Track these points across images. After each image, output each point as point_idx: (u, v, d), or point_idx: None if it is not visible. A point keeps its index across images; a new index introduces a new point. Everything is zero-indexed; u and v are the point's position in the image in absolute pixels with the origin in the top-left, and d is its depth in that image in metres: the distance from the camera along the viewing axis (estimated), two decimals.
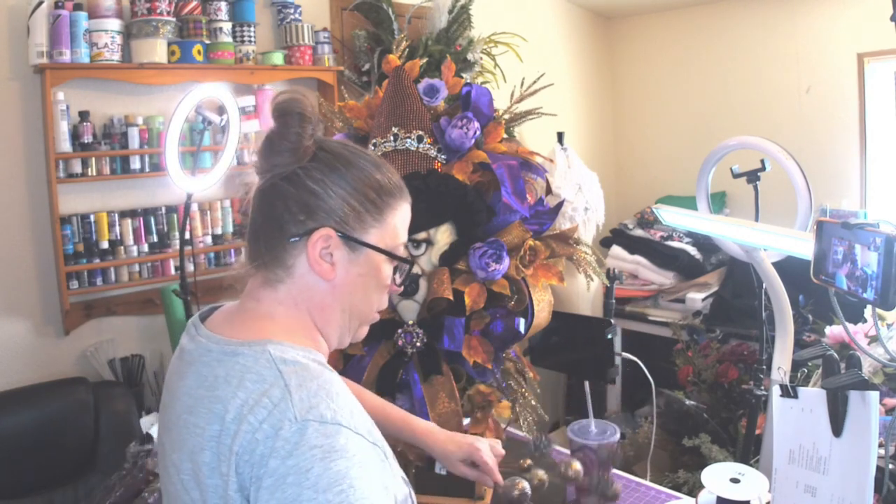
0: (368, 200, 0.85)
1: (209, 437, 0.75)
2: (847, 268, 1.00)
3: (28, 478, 1.84)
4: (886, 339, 2.17)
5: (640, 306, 3.27)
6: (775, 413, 1.16)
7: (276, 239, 0.84)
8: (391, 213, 0.88)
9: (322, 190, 0.83)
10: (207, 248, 2.34)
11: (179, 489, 0.79)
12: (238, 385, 0.76)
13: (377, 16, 2.65)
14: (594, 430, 1.45)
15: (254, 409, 0.73)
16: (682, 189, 3.57)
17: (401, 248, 0.91)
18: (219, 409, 0.76)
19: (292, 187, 0.83)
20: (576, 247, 1.47)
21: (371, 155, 0.90)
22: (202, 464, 0.75)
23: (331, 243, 0.83)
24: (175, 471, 0.80)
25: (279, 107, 0.84)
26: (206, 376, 0.80)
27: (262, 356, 0.78)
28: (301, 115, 0.83)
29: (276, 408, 0.72)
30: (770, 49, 3.37)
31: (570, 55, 3.72)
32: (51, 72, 1.96)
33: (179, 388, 0.83)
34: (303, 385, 0.75)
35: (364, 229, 0.85)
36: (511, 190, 1.39)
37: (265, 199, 0.85)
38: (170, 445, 0.82)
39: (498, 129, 1.47)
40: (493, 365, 1.42)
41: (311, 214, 0.83)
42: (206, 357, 0.82)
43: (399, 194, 0.90)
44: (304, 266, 0.84)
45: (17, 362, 2.04)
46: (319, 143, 0.85)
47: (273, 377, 0.75)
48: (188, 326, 0.91)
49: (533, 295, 1.43)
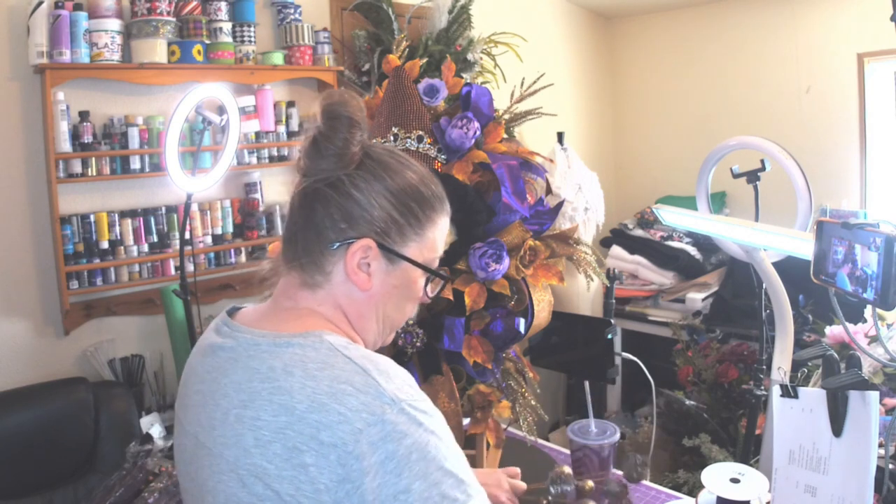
0: (411, 213, 0.85)
1: (275, 429, 0.73)
2: (847, 268, 1.00)
3: (28, 478, 1.84)
4: (886, 339, 2.17)
5: (640, 306, 3.27)
6: (775, 413, 1.16)
7: (315, 244, 0.83)
8: (431, 227, 0.87)
9: (365, 199, 0.82)
10: (207, 248, 2.34)
11: (234, 485, 0.76)
12: (304, 375, 0.75)
13: (377, 16, 2.66)
14: (594, 430, 1.45)
15: (336, 396, 0.72)
16: (682, 189, 3.57)
17: (437, 261, 0.90)
18: (284, 399, 0.74)
19: (336, 194, 0.82)
20: (576, 247, 1.47)
21: (417, 165, 0.88)
22: (271, 456, 0.73)
23: (370, 254, 0.83)
24: (228, 466, 0.77)
25: (329, 109, 0.82)
26: (258, 369, 0.78)
27: (322, 345, 0.78)
28: (350, 119, 0.81)
29: (365, 394, 0.72)
30: (770, 49, 3.37)
31: (570, 55, 3.72)
32: (51, 72, 1.96)
33: (226, 385, 0.80)
34: (379, 369, 0.76)
35: (404, 242, 0.85)
36: (511, 190, 1.39)
37: (306, 202, 0.84)
38: (218, 443, 0.79)
39: (498, 129, 1.47)
40: (493, 365, 1.41)
41: (353, 223, 0.82)
42: (255, 351, 0.80)
43: (441, 208, 0.89)
44: (341, 273, 0.83)
45: (17, 362, 2.04)
46: (366, 150, 0.84)
47: (343, 363, 0.76)
48: (217, 325, 0.89)
49: (533, 295, 1.43)
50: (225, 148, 2.01)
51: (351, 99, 0.83)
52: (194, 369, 0.88)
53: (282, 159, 2.51)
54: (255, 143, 2.42)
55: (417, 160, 1.43)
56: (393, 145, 1.45)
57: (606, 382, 2.19)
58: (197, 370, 0.87)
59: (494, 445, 1.54)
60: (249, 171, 2.44)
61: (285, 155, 2.52)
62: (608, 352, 1.75)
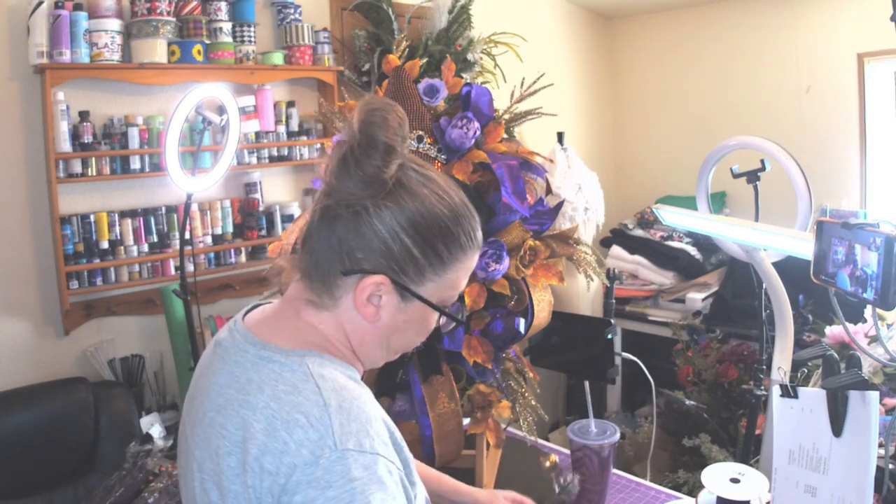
0: (434, 252, 0.79)
1: (235, 441, 0.73)
2: (847, 268, 1.00)
3: (28, 478, 1.84)
4: (886, 339, 2.17)
5: (640, 306, 3.27)
6: (775, 413, 1.16)
7: (328, 266, 0.79)
8: (455, 266, 0.82)
9: (386, 233, 0.76)
10: (207, 248, 2.34)
11: (198, 489, 0.77)
12: (272, 395, 0.74)
13: (377, 16, 2.66)
14: (594, 430, 1.45)
15: (288, 424, 0.71)
16: (682, 189, 3.57)
17: (455, 297, 0.85)
18: (248, 414, 0.74)
19: (357, 222, 0.76)
20: (576, 247, 1.47)
21: (456, 197, 0.81)
22: (226, 467, 0.73)
23: (382, 290, 0.78)
24: (197, 468, 0.78)
25: (367, 129, 0.76)
26: (238, 377, 0.78)
27: (300, 368, 0.76)
28: (387, 146, 0.75)
29: (314, 430, 0.70)
30: (770, 49, 3.37)
31: (570, 55, 3.72)
32: (51, 72, 1.96)
33: (211, 384, 0.81)
34: (342, 407, 0.73)
35: (421, 281, 0.80)
36: (511, 190, 1.39)
37: (326, 221, 0.79)
38: (193, 441, 0.80)
39: (498, 129, 1.47)
40: (493, 365, 1.41)
41: (370, 255, 0.77)
42: (241, 358, 0.80)
43: (470, 246, 0.83)
44: (350, 301, 0.80)
45: (17, 362, 2.04)
46: (400, 177, 0.78)
47: (310, 392, 0.74)
48: (231, 321, 0.89)
49: (533, 295, 1.43)
50: (225, 148, 2.01)
51: (392, 119, 0.76)
52: (202, 360, 0.89)
53: (282, 159, 2.51)
54: (255, 143, 2.42)
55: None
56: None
57: (606, 382, 2.19)
58: (202, 363, 0.88)
59: (494, 445, 1.54)
60: (249, 171, 2.44)
61: (285, 155, 2.52)
62: (608, 352, 1.75)
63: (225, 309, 2.42)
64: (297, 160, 2.54)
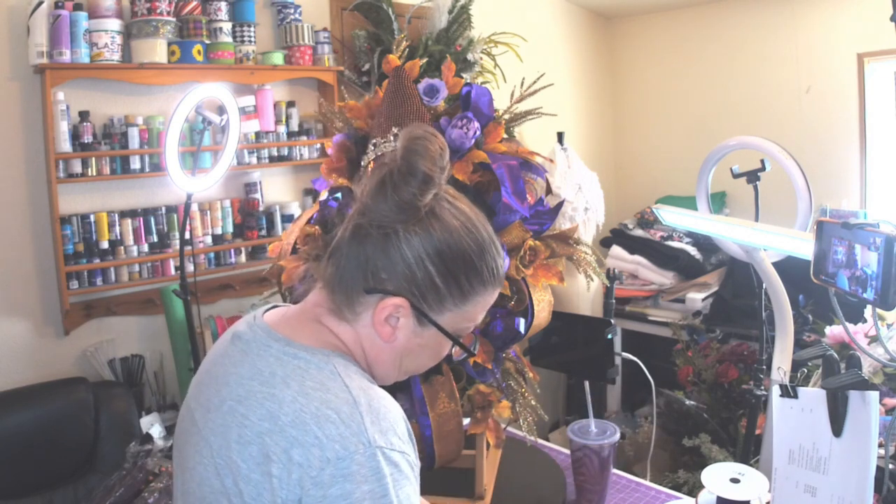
0: (456, 284, 0.82)
1: (258, 432, 0.76)
2: (847, 269, 1.00)
3: (28, 478, 1.84)
4: (886, 339, 2.17)
5: (640, 306, 3.27)
6: (775, 413, 1.16)
7: (352, 282, 0.82)
8: (474, 300, 0.85)
9: (413, 259, 0.79)
10: (207, 248, 2.34)
11: (210, 472, 0.79)
12: (299, 391, 0.76)
13: (377, 16, 2.66)
14: (594, 430, 1.45)
15: (318, 419, 0.74)
16: (682, 189, 3.57)
17: (470, 329, 0.88)
18: (273, 407, 0.76)
19: (386, 244, 0.80)
20: (576, 247, 1.47)
21: (483, 234, 0.84)
22: (247, 456, 0.75)
23: (400, 312, 0.82)
24: (209, 452, 0.80)
25: (409, 157, 0.79)
26: (262, 370, 0.80)
27: (327, 366, 0.79)
28: (426, 176, 0.78)
29: (346, 426, 0.73)
30: (770, 49, 3.37)
31: (570, 55, 3.72)
32: (51, 72, 1.96)
33: (230, 374, 0.83)
34: (372, 406, 0.76)
35: (440, 309, 0.83)
36: (511, 190, 1.39)
37: (356, 239, 0.81)
38: (208, 427, 0.81)
39: (498, 129, 1.47)
40: (493, 365, 1.41)
41: (394, 277, 0.80)
42: (265, 352, 0.82)
43: (492, 282, 0.86)
44: (369, 318, 0.83)
45: (17, 362, 2.04)
46: (433, 206, 0.81)
47: (339, 390, 0.77)
48: (248, 316, 0.91)
49: (533, 295, 1.43)
50: (225, 148, 2.01)
51: (433, 149, 0.80)
52: (215, 350, 0.91)
53: (282, 159, 2.51)
54: (255, 143, 2.42)
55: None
56: (393, 145, 1.44)
57: (606, 382, 2.19)
58: (216, 352, 0.90)
59: (494, 445, 1.54)
60: (249, 171, 2.44)
61: (285, 155, 2.52)
62: (608, 352, 1.74)
63: (225, 309, 2.42)
64: (297, 160, 2.54)
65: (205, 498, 0.79)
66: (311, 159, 2.57)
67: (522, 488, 1.56)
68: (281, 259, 1.39)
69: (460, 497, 1.40)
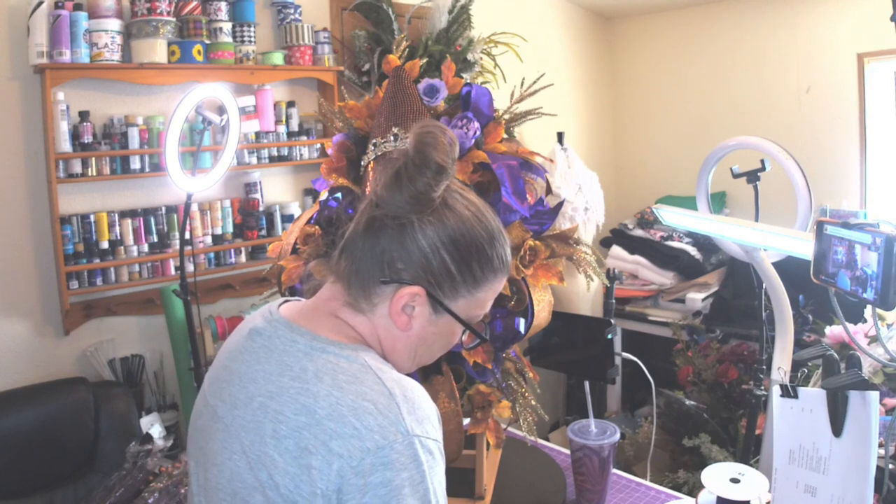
0: (469, 271, 0.85)
1: (294, 426, 0.77)
2: (848, 271, 1.00)
3: (28, 478, 1.84)
4: (886, 339, 2.17)
5: (640, 306, 3.27)
6: (775, 413, 1.16)
7: (368, 273, 0.84)
8: (486, 287, 0.88)
9: (429, 247, 0.82)
10: (207, 248, 2.34)
11: (241, 467, 0.79)
12: (332, 384, 0.78)
13: (377, 16, 2.66)
14: (594, 430, 1.45)
15: (356, 411, 0.76)
16: (682, 189, 3.57)
17: (480, 316, 0.91)
18: (309, 402, 0.77)
19: (401, 234, 0.82)
20: (576, 247, 1.47)
21: (492, 223, 0.88)
22: (283, 450, 0.77)
23: (416, 300, 0.84)
24: (240, 448, 0.80)
25: (421, 149, 0.81)
26: (291, 366, 0.81)
27: (357, 360, 0.81)
28: (439, 167, 0.81)
29: (384, 416, 0.76)
30: (770, 49, 3.37)
31: (570, 55, 3.72)
32: (51, 72, 1.96)
33: (256, 371, 0.84)
34: (406, 397, 0.79)
35: (454, 296, 0.86)
36: (511, 190, 1.39)
37: (372, 231, 0.84)
38: (237, 424, 0.82)
39: (498, 129, 1.47)
40: (493, 365, 1.41)
41: (410, 267, 0.83)
42: (291, 348, 0.83)
43: (501, 270, 0.89)
44: (385, 308, 0.85)
45: (17, 362, 2.04)
46: (445, 197, 0.84)
47: (372, 382, 0.78)
48: (264, 311, 0.92)
49: (533, 295, 1.43)
50: (225, 148, 2.01)
51: (444, 141, 0.82)
52: (231, 346, 0.91)
53: (282, 159, 2.51)
54: (255, 143, 2.42)
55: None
56: (393, 145, 1.44)
57: (606, 382, 2.19)
58: (233, 348, 0.90)
59: (494, 445, 1.54)
60: (249, 171, 2.44)
61: (285, 155, 2.52)
62: (608, 352, 1.74)
63: (225, 309, 2.42)
64: (297, 160, 2.54)
65: (236, 493, 0.80)
66: (311, 159, 2.57)
67: (522, 488, 1.56)
68: (281, 259, 1.39)
69: (460, 497, 1.39)
